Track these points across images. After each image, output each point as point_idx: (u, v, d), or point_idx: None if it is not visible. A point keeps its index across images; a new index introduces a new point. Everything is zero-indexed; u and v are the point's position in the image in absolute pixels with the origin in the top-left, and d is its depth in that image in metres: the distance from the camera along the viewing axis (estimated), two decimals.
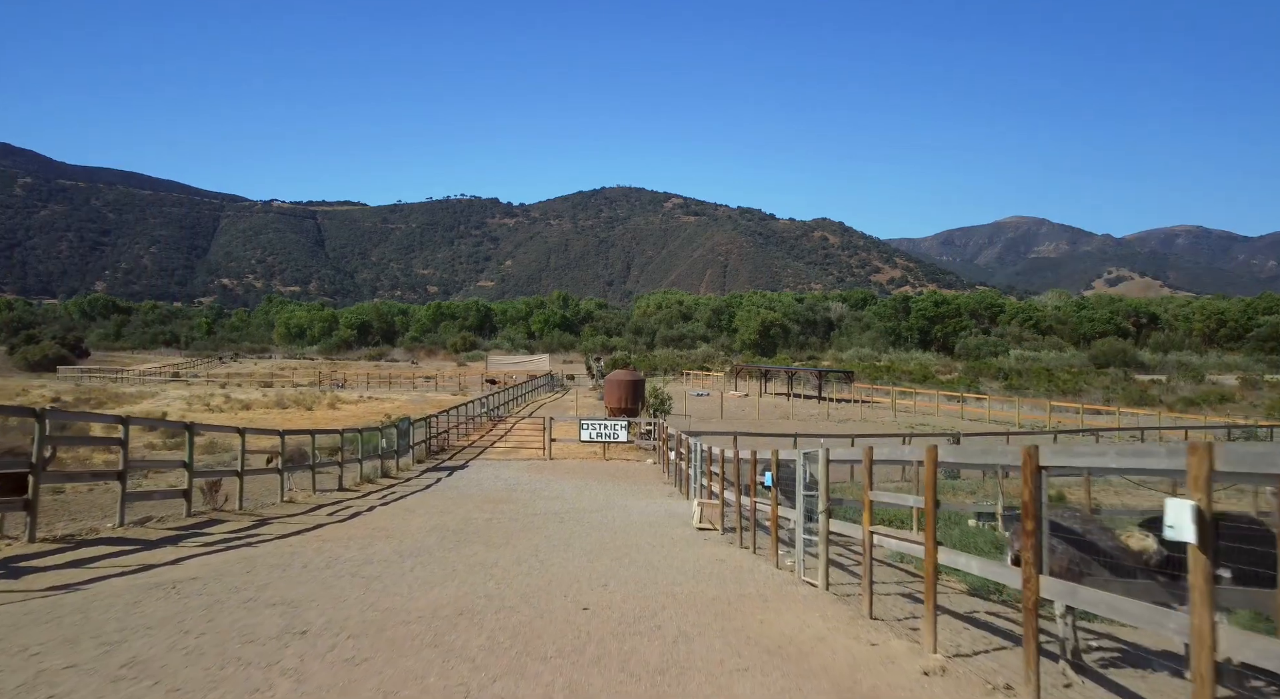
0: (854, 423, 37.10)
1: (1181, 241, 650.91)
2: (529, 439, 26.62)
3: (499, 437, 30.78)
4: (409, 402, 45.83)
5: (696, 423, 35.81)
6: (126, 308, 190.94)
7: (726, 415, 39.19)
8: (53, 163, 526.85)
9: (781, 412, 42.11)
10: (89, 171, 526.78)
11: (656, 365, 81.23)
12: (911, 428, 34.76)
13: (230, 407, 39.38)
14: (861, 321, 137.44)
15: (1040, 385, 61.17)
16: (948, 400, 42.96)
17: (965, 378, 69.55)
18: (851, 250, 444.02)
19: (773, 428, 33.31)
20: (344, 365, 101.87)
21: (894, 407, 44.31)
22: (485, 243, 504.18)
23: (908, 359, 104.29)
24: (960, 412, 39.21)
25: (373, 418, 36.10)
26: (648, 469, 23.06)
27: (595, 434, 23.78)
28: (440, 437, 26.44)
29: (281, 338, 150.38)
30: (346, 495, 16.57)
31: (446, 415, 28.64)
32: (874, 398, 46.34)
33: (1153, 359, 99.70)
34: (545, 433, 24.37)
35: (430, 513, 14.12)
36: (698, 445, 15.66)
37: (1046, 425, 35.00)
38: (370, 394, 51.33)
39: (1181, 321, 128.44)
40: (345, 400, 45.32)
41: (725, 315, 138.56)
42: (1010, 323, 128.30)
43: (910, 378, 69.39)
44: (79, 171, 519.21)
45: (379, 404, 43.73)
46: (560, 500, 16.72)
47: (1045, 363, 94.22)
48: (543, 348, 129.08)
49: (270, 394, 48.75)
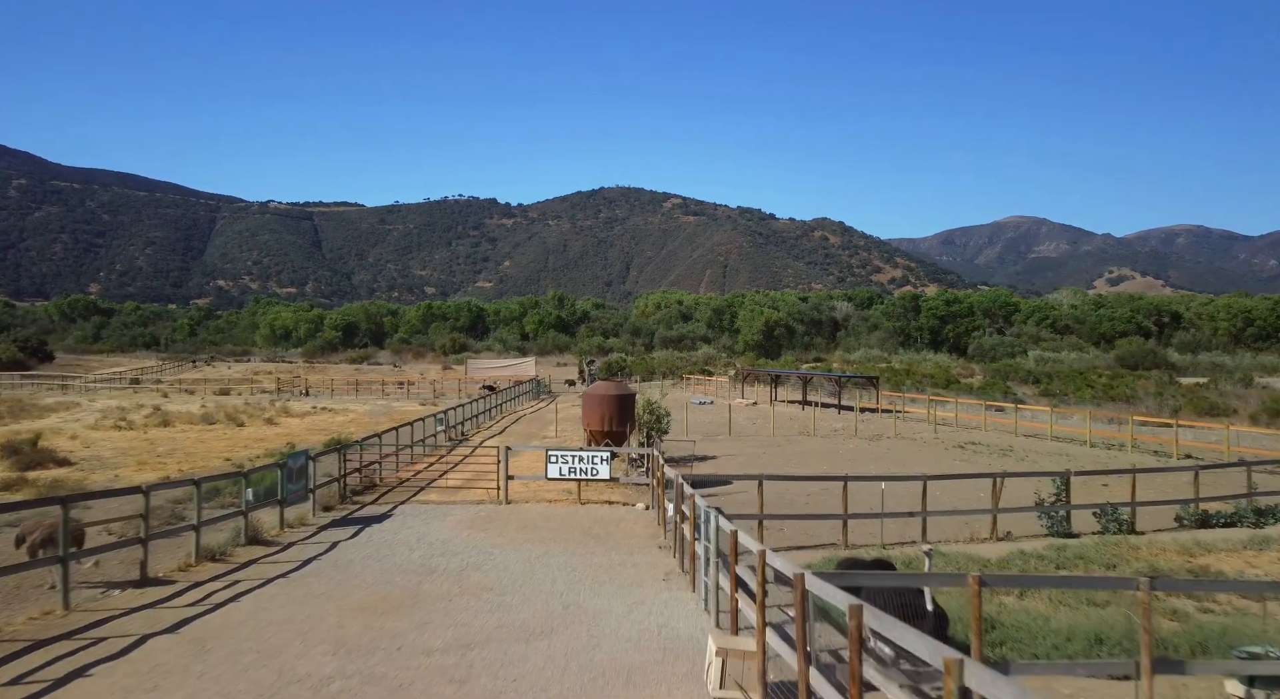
0: (895, 444, 30.89)
1: (1182, 241, 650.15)
2: (489, 469, 20.49)
3: (452, 465, 24.57)
4: (367, 414, 39.65)
5: (700, 442, 29.60)
6: (108, 309, 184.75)
7: (736, 430, 33.02)
8: (48, 164, 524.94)
9: (800, 425, 35.91)
10: (84, 173, 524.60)
11: (654, 369, 75.04)
12: (962, 447, 28.60)
13: (149, 422, 33.30)
14: (869, 321, 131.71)
15: (1082, 392, 54.98)
16: (989, 410, 36.79)
17: (992, 382, 63.32)
18: (852, 250, 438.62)
19: (800, 456, 27.16)
20: (322, 369, 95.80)
21: (931, 419, 38.10)
22: (483, 243, 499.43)
23: (920, 360, 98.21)
24: (1014, 426, 32.96)
25: (312, 438, 29.95)
26: (636, 520, 16.83)
27: (567, 469, 17.60)
28: (368, 470, 20.24)
29: (265, 340, 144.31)
30: (142, 598, 10.45)
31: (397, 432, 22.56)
32: (904, 408, 40.18)
33: (1182, 360, 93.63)
34: (500, 468, 18.15)
35: (225, 660, 8.03)
36: (710, 521, 9.49)
37: (1129, 443, 28.81)
38: (328, 404, 45.10)
39: (1205, 320, 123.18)
40: (294, 412, 39.18)
41: (727, 315, 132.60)
42: (1026, 322, 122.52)
43: (932, 382, 63.22)
44: (74, 173, 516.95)
45: (330, 418, 37.56)
46: (494, 598, 10.62)
47: (1067, 363, 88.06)
48: (537, 349, 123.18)
49: (210, 405, 42.55)
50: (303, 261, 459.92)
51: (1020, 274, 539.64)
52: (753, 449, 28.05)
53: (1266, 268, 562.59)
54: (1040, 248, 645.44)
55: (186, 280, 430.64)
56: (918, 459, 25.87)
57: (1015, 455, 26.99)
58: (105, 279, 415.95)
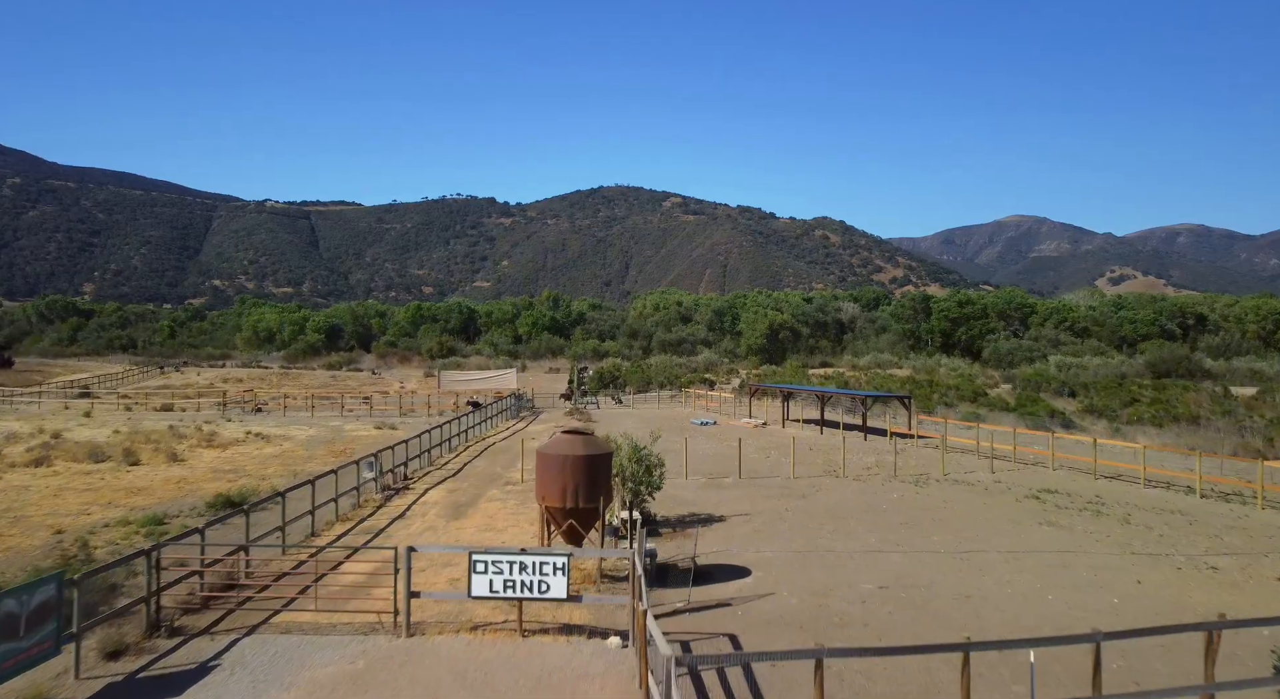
0: (949, 492, 24.57)
1: (1183, 240, 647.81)
2: (413, 548, 14.19)
3: (369, 538, 18.26)
4: (304, 443, 33.27)
5: (703, 490, 23.32)
6: (88, 310, 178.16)
7: (748, 469, 26.72)
8: (43, 162, 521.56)
9: (823, 459, 29.63)
10: (80, 172, 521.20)
11: (651, 378, 68.68)
12: (1037, 497, 22.20)
13: (25, 457, 27.03)
14: (876, 323, 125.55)
15: (1136, 410, 48.67)
16: (1036, 435, 30.47)
17: (1027, 395, 56.96)
18: (853, 249, 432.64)
19: (833, 514, 20.90)
20: (298, 376, 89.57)
21: (979, 449, 31.71)
22: (481, 243, 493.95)
23: (934, 364, 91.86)
24: (1092, 467, 26.35)
25: (211, 486, 23.68)
26: (605, 675, 10.55)
27: (502, 584, 11.35)
28: (225, 565, 13.92)
29: (247, 343, 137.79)
30: None
31: (313, 486, 16.26)
32: (941, 433, 33.66)
33: (1216, 366, 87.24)
34: (399, 581, 11.86)
35: None
36: None
37: (1257, 495, 22.40)
38: (268, 429, 38.63)
39: (1233, 322, 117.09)
40: (219, 441, 32.84)
41: (728, 317, 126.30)
42: (1044, 325, 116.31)
43: (958, 394, 56.95)
44: (69, 171, 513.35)
45: (258, 450, 31.17)
46: None
47: (1093, 370, 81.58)
48: (529, 352, 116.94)
49: (123, 431, 36.18)
50: (299, 261, 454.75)
51: (1021, 273, 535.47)
52: (771, 501, 21.79)
53: (1268, 267, 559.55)
54: (1041, 247, 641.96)
55: (182, 280, 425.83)
56: (988, 519, 19.64)
57: (1114, 513, 20.70)
58: (100, 279, 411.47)
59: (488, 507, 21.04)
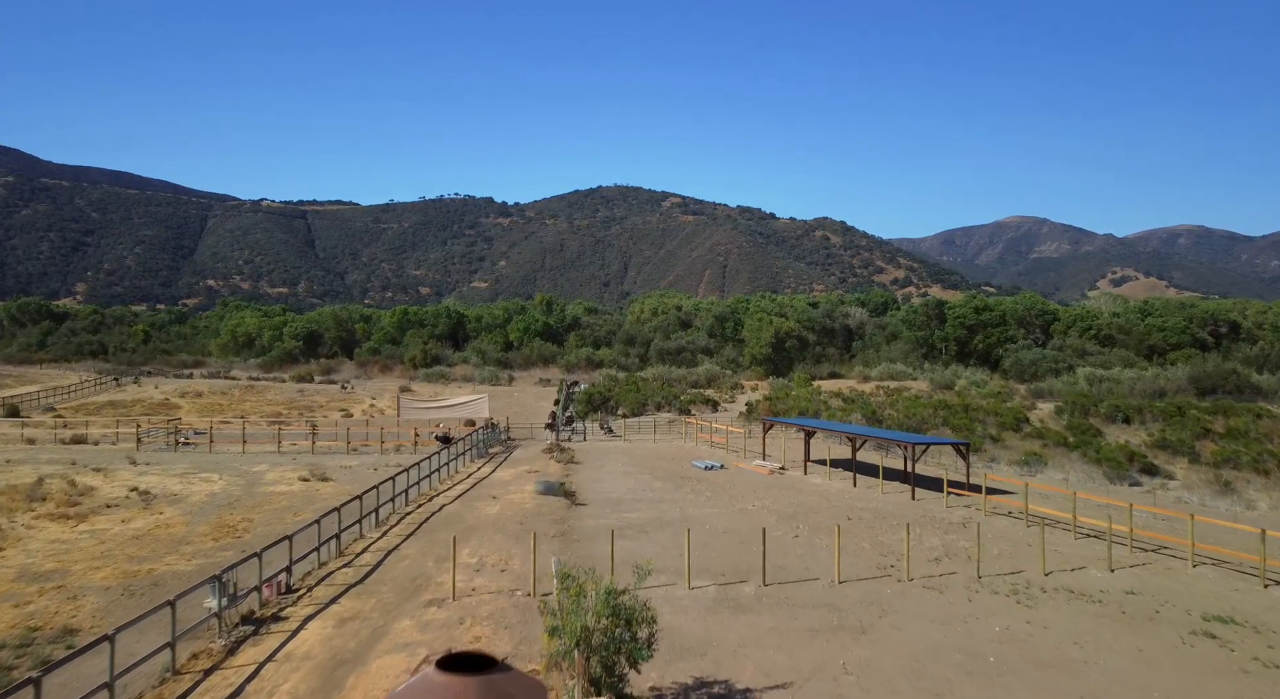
0: (1072, 612, 17.29)
1: (1184, 241, 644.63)
2: None
3: None
4: (188, 512, 25.95)
5: (711, 604, 16.07)
6: (61, 313, 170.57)
7: (773, 564, 19.42)
8: (37, 161, 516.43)
9: (868, 533, 22.41)
10: (74, 170, 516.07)
11: (648, 398, 61.38)
12: (1211, 634, 15.08)
13: None
14: (886, 330, 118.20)
15: (1229, 448, 41.50)
16: (1200, 524, 23.24)
17: (1076, 422, 49.70)
18: (854, 250, 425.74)
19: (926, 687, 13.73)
20: (263, 389, 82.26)
21: (1075, 524, 24.48)
22: (479, 243, 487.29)
23: (949, 376, 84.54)
24: (1257, 566, 18.88)
25: None
26: None
27: None
28: None
29: (222, 349, 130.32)
30: None
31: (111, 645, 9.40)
32: (1015, 487, 26.35)
33: (1266, 382, 79.81)
34: None
35: None
36: None
37: None
38: (163, 480, 31.18)
39: (1269, 331, 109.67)
40: (85, 505, 25.52)
41: (730, 323, 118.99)
42: (1068, 333, 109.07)
43: (998, 420, 49.74)
44: (63, 170, 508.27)
45: (120, 526, 23.82)
46: None
47: (1128, 385, 74.13)
48: (520, 361, 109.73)
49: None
50: (295, 261, 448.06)
51: (1022, 274, 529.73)
52: (818, 645, 14.61)
53: (1269, 268, 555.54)
54: (1041, 248, 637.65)
55: (176, 280, 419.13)
56: (1157, 682, 12.51)
57: None
58: (93, 279, 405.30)
59: (384, 665, 13.53)
